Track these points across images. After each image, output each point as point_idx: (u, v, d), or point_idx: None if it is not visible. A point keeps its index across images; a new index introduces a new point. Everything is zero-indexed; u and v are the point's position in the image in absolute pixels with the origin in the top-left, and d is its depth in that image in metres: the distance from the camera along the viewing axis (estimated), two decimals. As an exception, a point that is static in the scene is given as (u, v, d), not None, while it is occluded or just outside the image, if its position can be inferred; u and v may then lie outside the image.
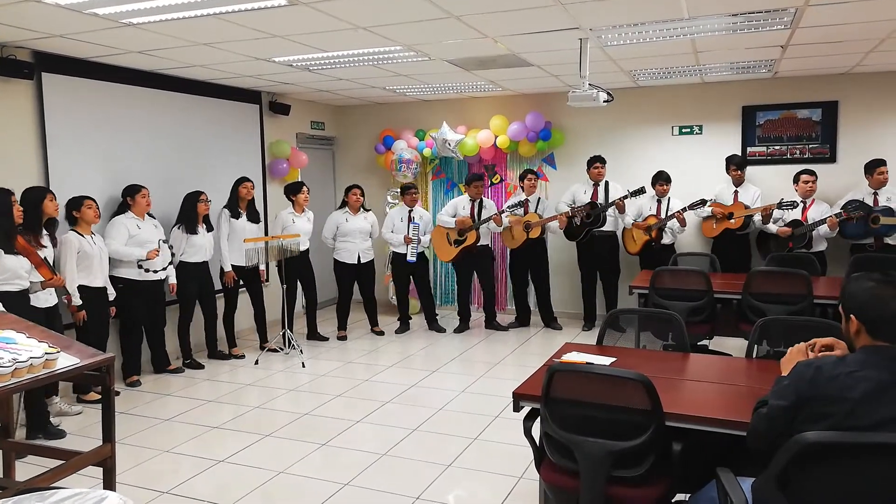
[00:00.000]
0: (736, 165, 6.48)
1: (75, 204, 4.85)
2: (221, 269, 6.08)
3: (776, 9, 4.09)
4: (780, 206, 6.02)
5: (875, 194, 5.97)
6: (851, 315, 2.02)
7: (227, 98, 6.74)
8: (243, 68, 5.75)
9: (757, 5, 4.01)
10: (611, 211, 6.70)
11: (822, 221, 5.92)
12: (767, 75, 6.51)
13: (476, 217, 6.89)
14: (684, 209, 6.36)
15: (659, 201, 6.68)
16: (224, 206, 6.13)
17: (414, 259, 6.91)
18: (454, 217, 6.93)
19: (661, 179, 6.64)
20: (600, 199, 6.78)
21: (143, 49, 4.92)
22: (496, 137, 7.54)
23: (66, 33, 4.43)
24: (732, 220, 6.32)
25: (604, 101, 4.96)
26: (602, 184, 6.86)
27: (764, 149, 6.87)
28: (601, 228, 6.78)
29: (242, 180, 6.18)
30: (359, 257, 6.81)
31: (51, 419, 4.48)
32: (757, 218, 6.28)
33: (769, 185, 6.59)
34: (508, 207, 6.81)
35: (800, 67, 6.14)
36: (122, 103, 5.65)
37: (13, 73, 4.74)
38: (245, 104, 7.01)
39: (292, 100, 7.64)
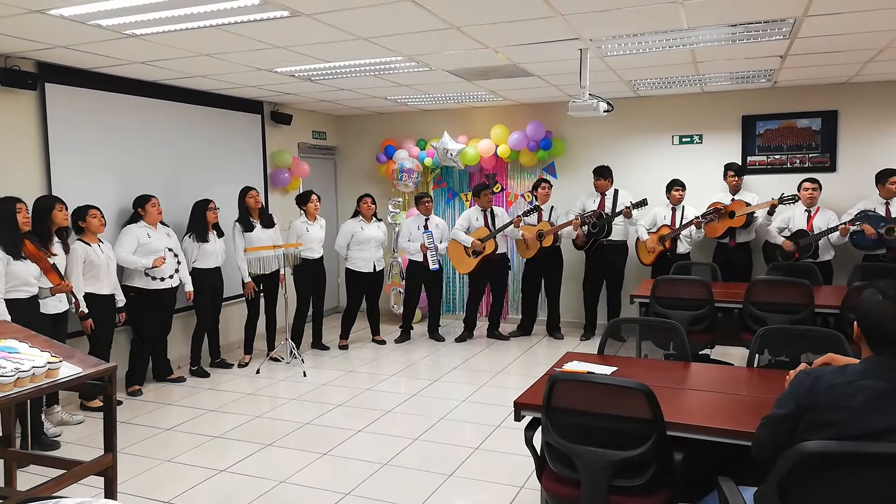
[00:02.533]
0: (734, 172, 6.49)
1: (80, 214, 4.87)
2: (242, 281, 6.13)
3: (775, 19, 4.11)
4: (781, 200, 6.00)
5: (887, 204, 5.89)
6: (855, 322, 2.03)
7: (229, 108, 6.77)
8: (245, 79, 5.79)
9: (756, 16, 4.04)
10: (620, 220, 6.69)
11: (834, 229, 5.89)
12: (767, 85, 6.54)
13: (491, 226, 6.91)
14: (698, 218, 6.33)
15: (673, 209, 6.65)
16: (235, 220, 6.16)
17: (436, 267, 6.91)
18: (467, 230, 6.91)
19: (677, 185, 6.60)
20: (607, 208, 6.79)
21: (146, 60, 4.95)
22: (497, 147, 7.56)
23: (70, 44, 4.46)
24: (735, 219, 6.30)
25: (604, 111, 4.98)
26: (610, 193, 6.85)
27: (764, 158, 6.89)
28: (610, 238, 6.76)
29: (247, 190, 6.22)
30: (374, 266, 6.82)
31: (51, 428, 4.49)
32: (761, 217, 6.25)
33: (769, 195, 6.58)
34: (522, 214, 6.80)
35: (799, 77, 6.16)
36: (125, 113, 5.68)
37: (17, 84, 4.77)
38: (247, 114, 7.05)
39: (294, 109, 7.67)
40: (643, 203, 6.45)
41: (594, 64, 5.18)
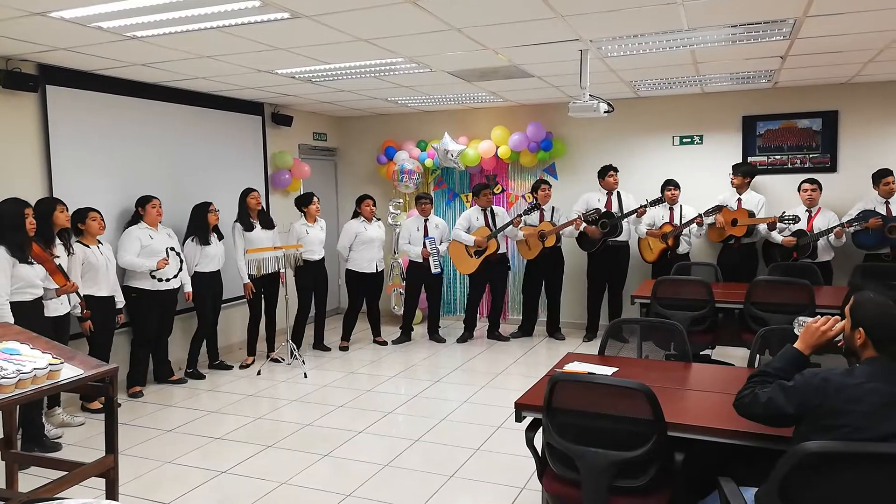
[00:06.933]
0: (742, 174, 6.49)
1: (80, 216, 4.88)
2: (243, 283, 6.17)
3: (775, 19, 4.11)
4: (781, 219, 6.01)
5: (887, 203, 5.90)
6: (860, 328, 2.02)
7: (230, 110, 6.78)
8: (246, 80, 5.79)
9: (756, 16, 4.04)
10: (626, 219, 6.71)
11: (829, 231, 5.90)
12: (767, 85, 6.53)
13: (491, 226, 6.90)
14: (699, 216, 6.35)
15: (671, 209, 6.66)
16: (235, 221, 6.16)
17: (439, 270, 6.89)
18: (468, 230, 6.89)
19: (671, 185, 6.62)
20: (614, 209, 6.79)
21: (147, 62, 4.96)
22: (497, 148, 7.57)
23: (71, 46, 4.47)
24: (736, 227, 6.31)
25: (604, 112, 4.98)
26: (615, 193, 6.87)
27: (765, 158, 6.89)
28: (615, 238, 6.77)
29: (249, 191, 6.23)
30: (376, 266, 6.83)
31: (52, 430, 4.49)
32: (762, 227, 6.29)
33: (770, 195, 6.60)
34: (523, 213, 6.78)
35: (799, 77, 6.16)
36: (126, 115, 5.68)
37: (18, 86, 4.77)
38: (248, 115, 7.05)
39: (295, 111, 7.68)
40: (659, 201, 6.46)
41: (594, 65, 5.18)
